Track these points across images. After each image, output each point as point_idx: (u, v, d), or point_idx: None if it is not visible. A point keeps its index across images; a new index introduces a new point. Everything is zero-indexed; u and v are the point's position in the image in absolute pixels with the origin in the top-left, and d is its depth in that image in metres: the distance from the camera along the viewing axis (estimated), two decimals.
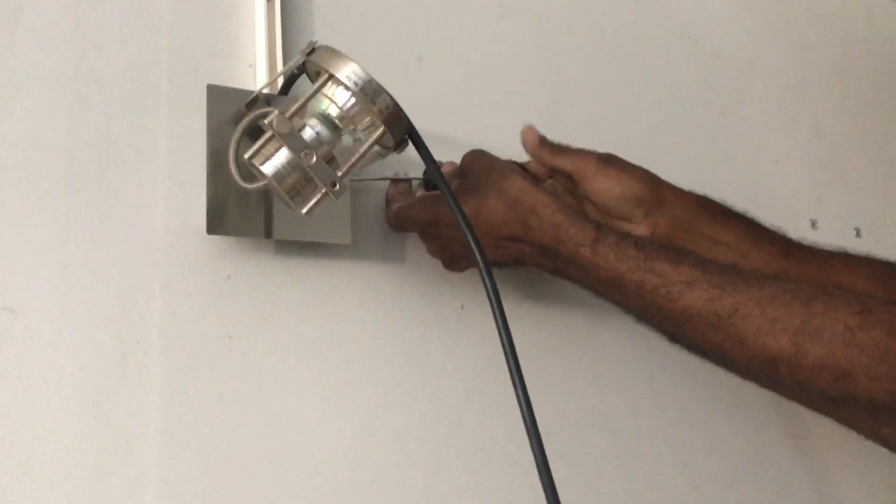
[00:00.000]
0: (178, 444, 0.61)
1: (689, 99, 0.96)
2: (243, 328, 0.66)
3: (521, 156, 0.74)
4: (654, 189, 0.69)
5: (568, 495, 0.74)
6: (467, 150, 0.74)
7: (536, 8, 0.87)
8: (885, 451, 0.58)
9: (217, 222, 0.64)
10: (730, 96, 0.99)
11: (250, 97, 0.64)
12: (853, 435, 0.67)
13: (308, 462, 0.65)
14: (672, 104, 0.94)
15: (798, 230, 0.99)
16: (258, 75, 0.69)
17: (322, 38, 0.74)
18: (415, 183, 0.73)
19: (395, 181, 0.71)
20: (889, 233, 1.04)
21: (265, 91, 0.66)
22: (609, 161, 0.69)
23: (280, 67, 0.69)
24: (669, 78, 0.95)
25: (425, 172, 0.70)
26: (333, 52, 0.54)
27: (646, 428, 0.82)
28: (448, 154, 0.75)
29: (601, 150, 0.72)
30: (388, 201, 0.72)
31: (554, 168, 0.71)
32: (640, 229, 0.69)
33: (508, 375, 0.74)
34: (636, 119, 0.91)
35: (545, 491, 0.48)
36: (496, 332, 0.75)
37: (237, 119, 0.64)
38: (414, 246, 0.73)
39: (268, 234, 0.66)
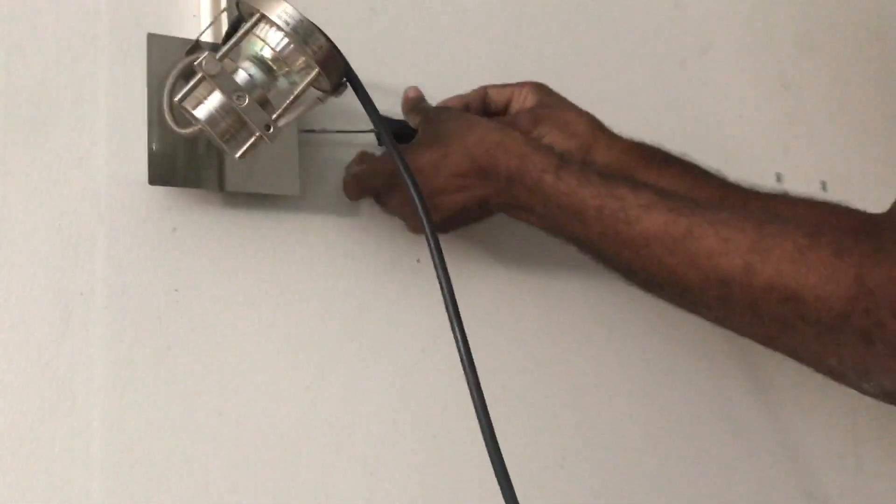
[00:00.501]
0: (124, 396, 0.61)
1: (651, 50, 0.95)
2: (190, 280, 0.65)
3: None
4: (587, 140, 0.71)
5: (523, 451, 0.75)
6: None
7: None
8: (844, 398, 0.58)
9: (160, 173, 0.63)
10: (693, 47, 0.98)
11: (189, 45, 0.63)
12: (812, 382, 0.67)
13: (258, 414, 0.65)
14: (633, 55, 0.94)
15: (763, 183, 0.99)
16: (202, 25, 0.68)
17: None
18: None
19: (361, 154, 0.71)
20: (854, 185, 1.04)
21: (207, 40, 0.65)
22: (539, 118, 0.70)
23: (224, 17, 0.68)
24: (630, 28, 0.94)
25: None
26: None
27: (605, 381, 0.82)
28: (397, 104, 0.75)
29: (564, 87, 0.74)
30: (347, 169, 0.71)
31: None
32: None
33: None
34: (596, 69, 0.90)
35: (487, 446, 0.48)
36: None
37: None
38: (369, 200, 0.73)
39: (215, 186, 0.66)
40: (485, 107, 0.74)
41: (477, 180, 0.63)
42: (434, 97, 0.76)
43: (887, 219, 0.55)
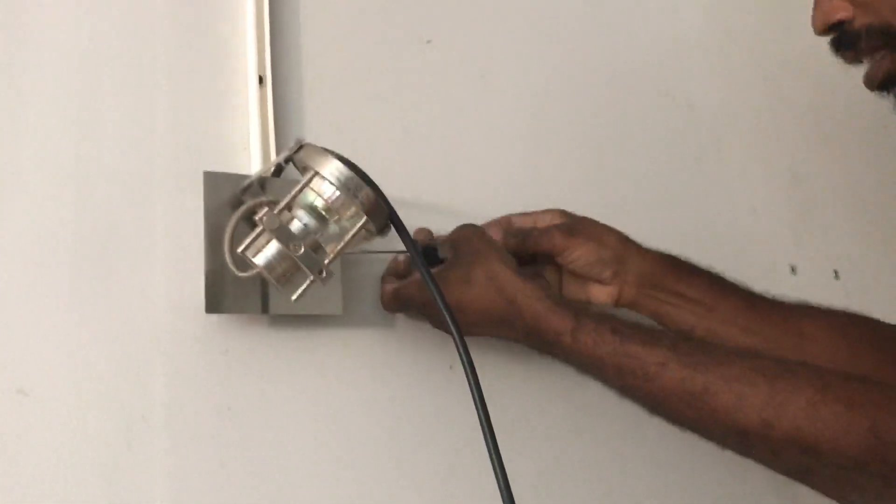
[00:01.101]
0: None
1: (666, 151, 1.00)
2: (242, 399, 0.70)
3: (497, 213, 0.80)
4: (619, 251, 0.76)
5: None
6: (451, 215, 0.79)
7: (518, 72, 0.92)
8: None
9: (215, 301, 0.68)
10: (706, 146, 1.03)
11: (245, 183, 0.68)
12: None
13: None
14: (650, 156, 0.99)
15: (777, 275, 1.03)
16: (252, 158, 0.74)
17: (311, 116, 0.79)
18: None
19: (395, 262, 0.76)
20: (866, 273, 1.08)
21: (259, 176, 0.71)
22: (573, 231, 0.75)
23: (272, 149, 0.74)
24: (647, 132, 0.99)
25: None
26: (318, 151, 0.58)
27: (633, 482, 0.85)
28: (434, 220, 0.80)
29: (581, 204, 0.79)
30: (383, 281, 0.76)
31: (528, 251, 0.76)
32: (611, 289, 0.76)
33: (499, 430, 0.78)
34: (616, 172, 0.96)
35: None
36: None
37: (233, 202, 0.69)
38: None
39: (263, 309, 0.71)
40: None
41: (499, 325, 0.69)
42: (461, 211, 0.81)
43: None
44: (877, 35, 0.66)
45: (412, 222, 0.80)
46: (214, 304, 0.68)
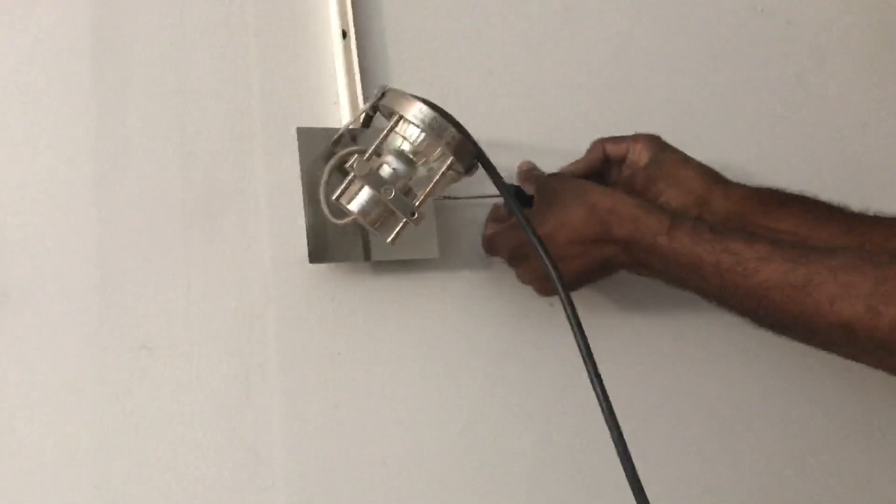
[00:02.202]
0: (302, 455, 0.70)
1: (763, 70, 0.96)
2: (349, 344, 0.73)
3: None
4: (703, 193, 0.74)
5: (669, 481, 0.80)
6: (539, 153, 0.80)
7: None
8: None
9: (318, 252, 0.71)
10: (807, 62, 0.99)
11: (335, 135, 0.71)
12: None
13: (418, 460, 0.73)
14: (746, 77, 0.95)
15: (892, 196, 0.99)
16: (342, 111, 0.76)
17: (396, 66, 0.80)
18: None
19: (496, 209, 0.77)
20: None
21: (350, 128, 0.73)
22: (653, 177, 0.74)
23: (360, 101, 0.76)
24: (742, 51, 0.96)
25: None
26: (401, 95, 0.60)
27: (744, 408, 0.85)
28: (522, 158, 0.80)
29: (674, 135, 0.77)
30: (485, 226, 0.78)
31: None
32: None
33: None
34: (710, 98, 0.93)
35: (630, 483, 0.53)
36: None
37: (326, 156, 0.72)
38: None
39: (364, 257, 0.73)
40: (603, 162, 0.78)
41: (595, 246, 0.68)
42: (549, 149, 0.82)
43: None
44: None
45: (501, 162, 0.81)
46: (317, 254, 0.71)
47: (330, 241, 0.72)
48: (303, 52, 0.78)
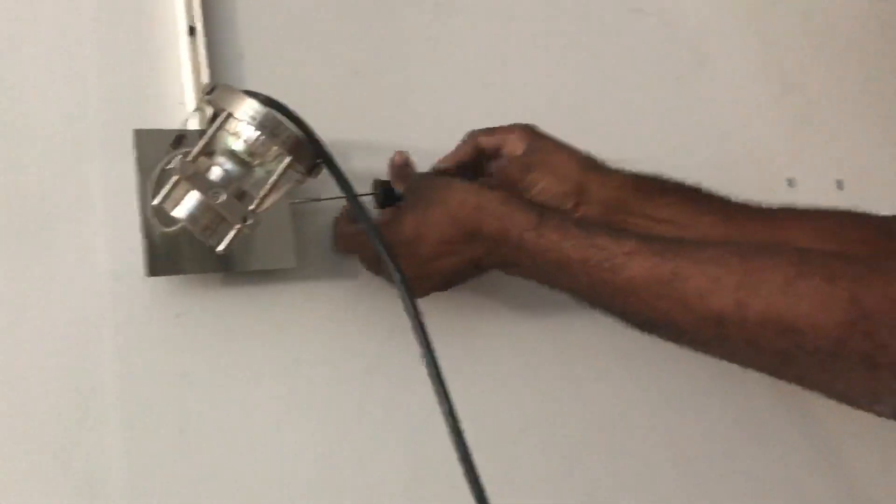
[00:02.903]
0: (144, 486, 0.63)
1: (643, 71, 0.95)
2: (197, 363, 0.67)
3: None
4: (580, 180, 0.71)
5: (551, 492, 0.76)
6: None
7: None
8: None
9: (157, 264, 0.65)
10: (687, 63, 0.98)
11: (173, 137, 0.65)
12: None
13: (278, 486, 0.67)
14: (626, 78, 0.93)
15: (775, 190, 0.98)
16: (189, 112, 0.70)
17: (250, 65, 0.75)
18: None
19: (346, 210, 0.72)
20: (873, 182, 1.02)
21: (194, 127, 0.67)
22: (529, 166, 0.71)
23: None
24: (623, 52, 0.94)
25: (375, 186, 0.72)
26: (230, 91, 0.54)
27: (630, 419, 0.82)
28: (386, 160, 0.76)
29: (559, 131, 0.74)
30: (337, 222, 0.73)
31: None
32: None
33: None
34: (590, 98, 0.91)
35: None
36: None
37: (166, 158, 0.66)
38: None
39: (215, 268, 0.67)
40: (477, 154, 0.75)
41: (464, 244, 0.64)
42: (418, 152, 0.77)
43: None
44: None
45: (367, 164, 0.76)
46: (157, 266, 0.65)
47: (174, 252, 0.66)
48: (146, 48, 0.72)
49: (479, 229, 0.63)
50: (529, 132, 0.73)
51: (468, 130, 0.77)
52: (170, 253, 0.65)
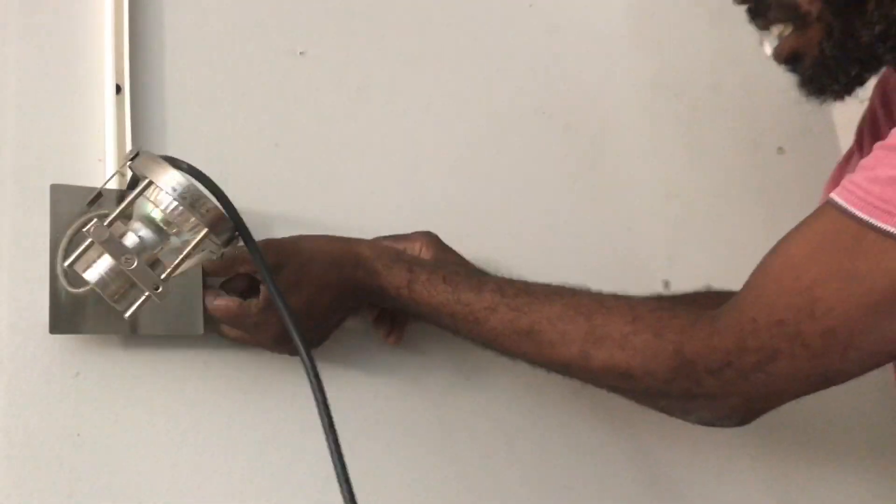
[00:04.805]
0: None
1: (543, 170, 0.96)
2: (92, 424, 0.62)
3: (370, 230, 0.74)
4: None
5: None
6: (322, 230, 0.72)
7: (394, 87, 0.86)
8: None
9: (61, 320, 0.60)
10: (583, 165, 1.00)
11: (91, 195, 0.61)
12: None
13: None
14: (527, 176, 0.94)
15: (652, 290, 1.00)
16: (108, 170, 0.67)
17: (173, 128, 0.72)
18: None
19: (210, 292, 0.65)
20: (738, 286, 1.05)
21: (114, 187, 0.63)
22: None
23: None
24: (524, 151, 0.95)
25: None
26: (154, 159, 0.52)
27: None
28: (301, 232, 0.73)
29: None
30: (209, 293, 0.65)
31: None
32: None
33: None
34: (492, 191, 0.91)
35: None
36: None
37: (82, 217, 0.62)
38: None
39: (117, 329, 0.63)
40: None
41: (356, 299, 0.68)
42: (332, 226, 0.75)
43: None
44: (784, 9, 0.68)
45: (283, 236, 0.74)
46: (60, 323, 0.60)
47: (80, 310, 0.61)
48: (71, 103, 0.68)
49: (362, 284, 0.67)
50: (434, 243, 0.75)
51: (377, 211, 0.76)
52: (75, 310, 0.61)
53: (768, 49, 0.73)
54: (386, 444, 0.75)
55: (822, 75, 0.69)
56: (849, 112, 1.32)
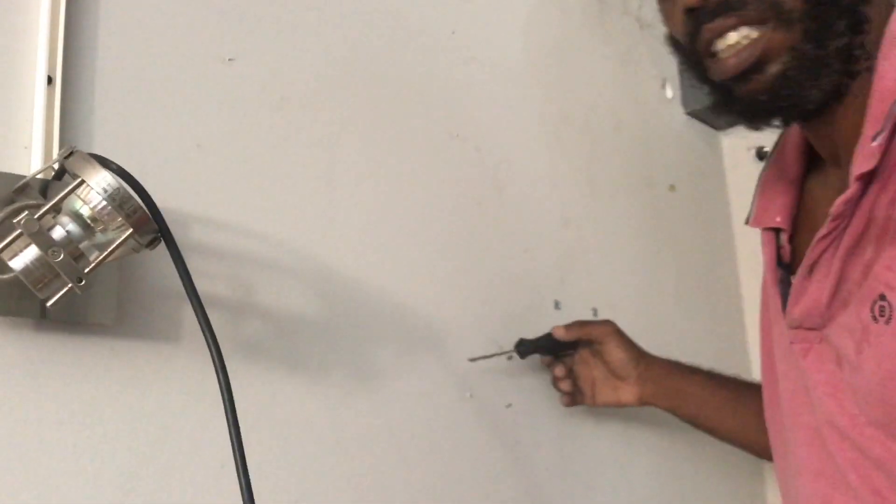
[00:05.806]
0: None
1: (452, 192, 1.01)
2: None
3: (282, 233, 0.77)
4: (641, 356, 0.98)
5: None
6: (240, 233, 0.76)
7: (317, 100, 0.89)
8: None
9: None
10: (489, 188, 1.05)
11: (18, 184, 0.62)
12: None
13: None
14: (436, 197, 0.99)
15: (543, 310, 1.06)
16: (34, 159, 0.68)
17: (101, 121, 0.73)
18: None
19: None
20: (620, 311, 1.13)
21: (39, 176, 0.65)
22: (619, 334, 0.98)
23: (56, 152, 0.68)
24: (435, 172, 1.00)
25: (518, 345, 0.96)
26: (86, 159, 0.54)
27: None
28: (222, 236, 0.76)
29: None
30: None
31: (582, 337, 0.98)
32: (635, 389, 0.97)
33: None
34: (401, 208, 0.95)
35: None
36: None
37: (5, 203, 0.63)
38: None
39: (31, 313, 0.64)
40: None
41: None
42: (251, 229, 0.79)
43: None
44: (765, 5, 0.65)
45: (199, 238, 0.76)
46: None
47: None
48: (0, 89, 0.68)
49: None
50: (619, 333, 0.99)
51: (301, 215, 0.79)
52: None
53: (670, 93, 0.78)
54: (283, 439, 0.78)
55: (801, 77, 0.64)
56: (737, 156, 1.44)
